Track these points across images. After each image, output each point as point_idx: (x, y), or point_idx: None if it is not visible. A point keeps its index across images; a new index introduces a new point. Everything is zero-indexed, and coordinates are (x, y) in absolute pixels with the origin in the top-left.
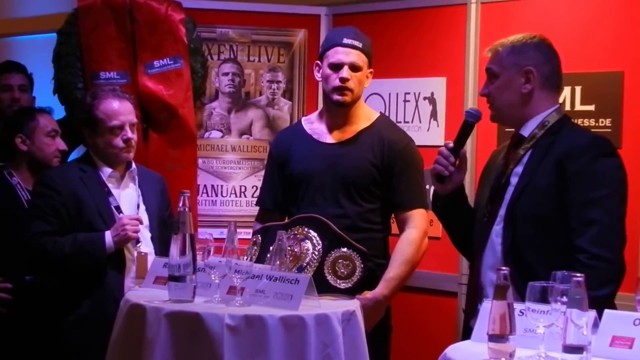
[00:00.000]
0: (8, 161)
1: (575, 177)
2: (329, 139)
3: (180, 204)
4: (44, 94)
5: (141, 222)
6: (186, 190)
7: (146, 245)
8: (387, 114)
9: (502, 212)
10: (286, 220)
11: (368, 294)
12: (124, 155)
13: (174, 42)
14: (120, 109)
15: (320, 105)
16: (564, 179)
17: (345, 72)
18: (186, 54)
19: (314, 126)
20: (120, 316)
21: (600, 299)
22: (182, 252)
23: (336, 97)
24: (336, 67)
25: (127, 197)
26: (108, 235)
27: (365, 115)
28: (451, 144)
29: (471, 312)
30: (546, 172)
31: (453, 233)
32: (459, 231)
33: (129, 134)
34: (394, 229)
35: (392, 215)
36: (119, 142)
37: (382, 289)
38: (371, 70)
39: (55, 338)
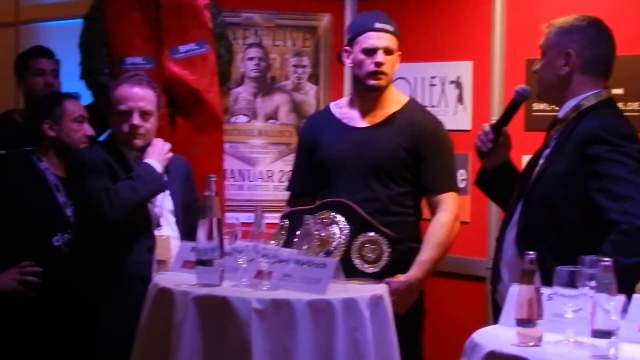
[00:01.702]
0: (36, 146)
1: (596, 161)
2: (360, 123)
3: (207, 189)
4: (71, 80)
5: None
6: (213, 174)
7: (171, 230)
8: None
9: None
10: (313, 205)
11: (401, 277)
12: (130, 142)
13: (199, 27)
14: (131, 95)
15: (347, 89)
16: (584, 164)
17: (380, 56)
18: (211, 39)
19: (344, 111)
20: (149, 300)
21: (631, 267)
22: (210, 237)
23: (371, 81)
24: (370, 52)
25: None
26: (152, 162)
27: (395, 99)
28: (494, 121)
29: (494, 288)
30: (566, 157)
31: (502, 207)
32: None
33: (135, 121)
34: (426, 213)
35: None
36: (125, 127)
37: (415, 272)
38: (400, 53)
39: (86, 318)
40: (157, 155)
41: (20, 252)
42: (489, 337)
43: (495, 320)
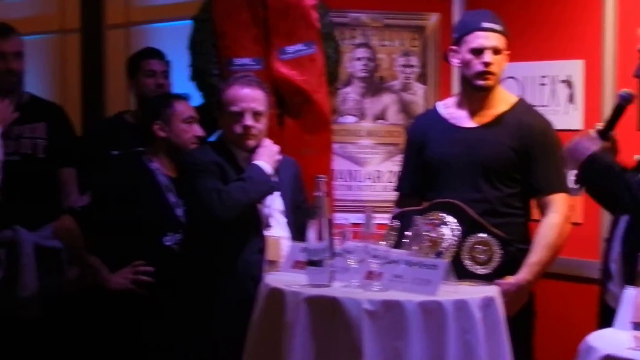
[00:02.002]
0: (147, 147)
1: None
2: (468, 123)
3: (317, 190)
4: (181, 81)
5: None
6: (322, 175)
7: (281, 230)
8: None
9: None
10: (423, 206)
11: (511, 279)
12: (242, 142)
13: (307, 28)
14: (243, 96)
15: (455, 89)
16: None
17: (488, 56)
18: (319, 39)
19: (451, 110)
20: (260, 300)
21: None
22: (320, 237)
23: (479, 82)
24: (478, 51)
25: None
26: (262, 163)
27: (504, 99)
28: (600, 127)
29: (603, 289)
30: None
31: (610, 210)
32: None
33: (247, 122)
34: (536, 214)
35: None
36: (237, 128)
37: (524, 273)
38: (508, 52)
39: (198, 315)
40: (267, 156)
41: (133, 251)
42: (605, 340)
43: (603, 322)
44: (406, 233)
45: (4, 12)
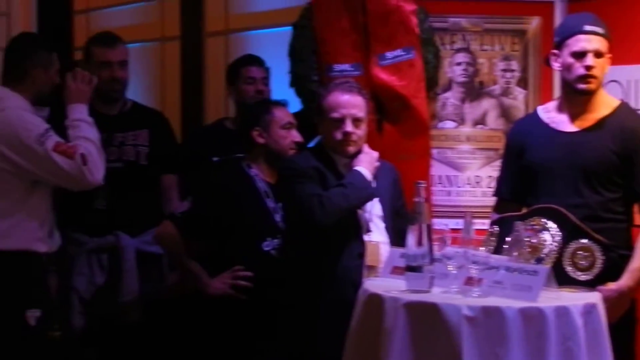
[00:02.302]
0: (246, 153)
1: None
2: (569, 127)
3: (417, 195)
4: (280, 87)
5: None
6: (421, 180)
7: (380, 235)
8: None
9: None
10: (523, 211)
11: (612, 285)
12: (342, 149)
13: (406, 33)
14: (344, 102)
15: (556, 93)
16: None
17: (590, 59)
18: (418, 44)
19: (552, 115)
20: (359, 305)
21: None
22: (419, 243)
23: (581, 85)
24: (579, 55)
25: None
26: (362, 169)
27: (606, 103)
28: None
29: None
30: None
31: None
32: None
33: (347, 128)
34: (638, 219)
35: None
36: (337, 134)
37: (626, 280)
38: (610, 55)
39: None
40: (367, 163)
41: (232, 256)
42: None
43: None
44: (506, 239)
45: (107, 21)
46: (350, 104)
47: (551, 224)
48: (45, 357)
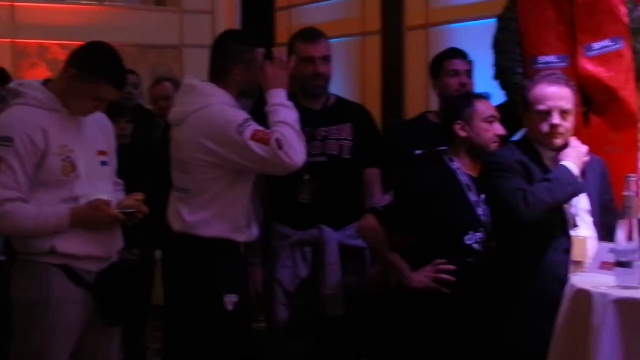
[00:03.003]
0: (448, 146)
1: None
2: None
3: (627, 189)
4: (483, 80)
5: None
6: (631, 174)
7: (588, 230)
8: None
9: None
10: None
11: None
12: (549, 141)
13: (614, 23)
14: (550, 94)
15: None
16: None
17: None
18: (627, 34)
19: None
20: (566, 301)
21: None
22: (629, 237)
23: None
24: None
25: None
26: (569, 164)
27: None
28: None
29: None
30: None
31: None
32: None
33: (554, 120)
34: None
35: None
36: (543, 126)
37: None
38: None
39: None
40: (575, 157)
41: (434, 249)
42: None
43: None
44: None
45: (308, 17)
46: (557, 95)
47: None
48: (251, 348)
